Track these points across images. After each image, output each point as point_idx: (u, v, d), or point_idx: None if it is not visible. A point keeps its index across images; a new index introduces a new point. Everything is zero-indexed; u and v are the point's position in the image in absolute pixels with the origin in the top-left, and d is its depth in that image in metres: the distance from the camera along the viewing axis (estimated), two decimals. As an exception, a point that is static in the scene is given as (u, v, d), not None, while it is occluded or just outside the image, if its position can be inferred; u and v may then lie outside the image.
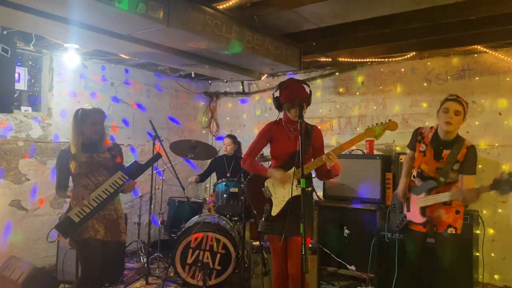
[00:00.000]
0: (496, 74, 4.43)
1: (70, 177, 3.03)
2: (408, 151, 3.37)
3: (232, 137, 5.24)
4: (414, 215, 3.13)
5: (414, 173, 3.25)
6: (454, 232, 3.03)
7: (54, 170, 3.08)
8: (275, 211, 2.88)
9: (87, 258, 2.88)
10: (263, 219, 2.91)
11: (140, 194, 4.98)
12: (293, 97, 2.85)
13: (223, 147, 5.20)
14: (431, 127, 3.17)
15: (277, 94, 2.98)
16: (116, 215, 3.05)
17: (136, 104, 5.68)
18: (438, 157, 3.04)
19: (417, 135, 3.19)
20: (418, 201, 3.11)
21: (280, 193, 2.89)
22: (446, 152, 3.01)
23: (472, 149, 3.00)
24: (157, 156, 3.19)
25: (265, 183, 2.96)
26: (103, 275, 3.04)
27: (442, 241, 3.07)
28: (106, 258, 2.97)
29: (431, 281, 3.22)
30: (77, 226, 2.81)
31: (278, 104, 2.97)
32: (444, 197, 2.97)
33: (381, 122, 2.88)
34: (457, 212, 3.06)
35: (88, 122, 2.97)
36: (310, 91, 2.95)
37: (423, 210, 3.07)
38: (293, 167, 2.86)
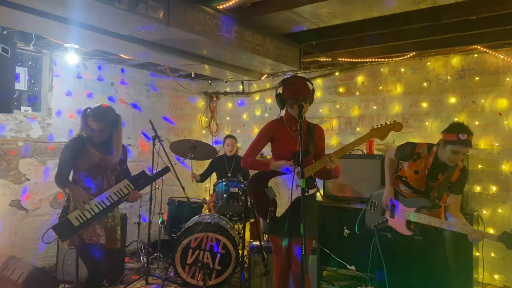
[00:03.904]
0: (496, 74, 4.43)
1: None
2: (391, 154, 3.29)
3: (233, 136, 5.27)
4: (398, 225, 3.13)
5: (397, 172, 3.30)
6: None
7: (54, 169, 3.02)
8: (279, 211, 2.85)
9: (93, 262, 2.83)
10: (267, 220, 2.89)
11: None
12: (297, 93, 2.83)
13: (227, 148, 5.17)
14: (429, 148, 3.09)
15: (280, 90, 2.95)
16: (113, 223, 3.01)
17: (136, 104, 5.69)
18: (434, 179, 3.06)
19: (413, 154, 3.12)
20: (407, 214, 3.09)
21: (284, 193, 2.87)
22: (441, 176, 3.04)
23: (464, 171, 3.07)
24: (165, 170, 3.13)
25: (269, 183, 2.92)
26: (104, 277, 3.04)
27: (432, 236, 3.09)
28: (107, 262, 2.93)
29: (430, 281, 3.22)
30: (76, 230, 2.76)
31: (281, 100, 2.93)
32: (442, 223, 2.97)
33: (386, 123, 2.88)
34: (439, 206, 3.11)
35: (90, 127, 2.90)
36: (313, 89, 2.94)
37: (409, 224, 3.07)
38: (297, 167, 2.83)
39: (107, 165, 2.93)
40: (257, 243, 3.96)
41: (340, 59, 4.87)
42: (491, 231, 4.32)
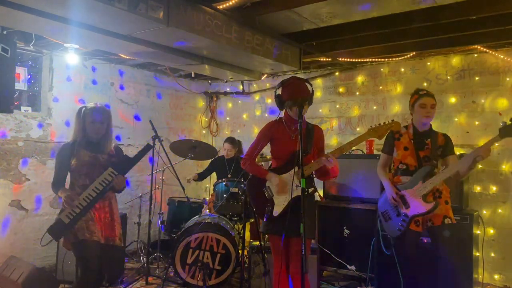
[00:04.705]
0: (496, 74, 4.43)
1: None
2: (381, 157, 3.41)
3: (231, 141, 5.13)
4: (418, 207, 3.08)
5: (393, 171, 3.33)
6: (450, 222, 3.10)
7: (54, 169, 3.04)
8: (276, 211, 2.86)
9: (85, 259, 2.86)
10: (265, 219, 2.90)
11: (140, 194, 4.98)
12: (296, 94, 2.83)
13: (224, 152, 5.15)
14: (406, 126, 3.31)
15: (279, 91, 2.95)
16: (111, 218, 3.02)
17: (135, 104, 5.69)
18: (422, 147, 3.19)
19: (394, 136, 3.30)
20: (418, 191, 3.09)
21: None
22: (428, 141, 3.20)
23: (447, 135, 3.28)
24: (147, 147, 3.11)
25: (267, 183, 2.94)
26: (102, 276, 3.03)
27: (442, 233, 3.08)
28: (103, 260, 2.94)
29: (430, 281, 3.22)
30: (67, 227, 2.80)
31: (280, 101, 2.94)
32: (450, 170, 3.02)
33: (384, 122, 2.89)
34: (446, 202, 3.15)
35: (88, 121, 2.95)
36: (312, 90, 2.94)
37: (426, 197, 3.08)
38: (295, 167, 2.84)
39: (98, 162, 2.98)
40: (257, 243, 3.96)
41: (340, 59, 4.87)
42: (491, 231, 4.32)
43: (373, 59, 4.98)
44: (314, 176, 3.01)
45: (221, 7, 3.46)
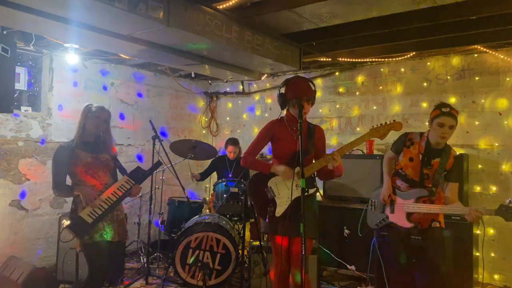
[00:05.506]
0: (496, 74, 4.43)
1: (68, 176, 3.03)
2: (389, 152, 3.34)
3: (234, 143, 5.16)
4: (399, 219, 3.11)
5: (393, 172, 3.30)
6: (438, 225, 3.07)
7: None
8: (279, 211, 2.86)
9: (96, 260, 2.90)
10: (267, 220, 2.90)
11: (140, 194, 4.97)
12: (301, 93, 2.83)
13: (229, 154, 5.14)
14: (421, 134, 3.16)
15: (283, 90, 2.94)
16: (122, 216, 3.12)
17: (136, 104, 5.69)
18: (427, 164, 3.06)
19: (406, 141, 3.17)
20: (406, 206, 3.08)
21: (284, 193, 2.87)
22: (436, 161, 3.04)
23: (458, 159, 3.10)
24: (157, 164, 3.38)
25: (268, 183, 2.93)
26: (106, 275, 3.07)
27: (428, 236, 3.07)
28: (110, 258, 3.00)
29: (429, 281, 3.21)
30: (90, 227, 2.84)
31: (283, 100, 2.93)
32: (441, 209, 2.98)
33: (385, 122, 2.88)
34: (435, 194, 3.09)
35: (92, 116, 3.03)
36: (315, 90, 2.94)
37: (409, 216, 3.06)
38: (297, 167, 2.82)
39: (100, 162, 3.04)
40: (257, 243, 3.96)
41: (340, 59, 4.87)
42: (491, 231, 4.32)
43: (373, 59, 4.98)
44: (315, 176, 3.00)
45: (221, 7, 3.46)
